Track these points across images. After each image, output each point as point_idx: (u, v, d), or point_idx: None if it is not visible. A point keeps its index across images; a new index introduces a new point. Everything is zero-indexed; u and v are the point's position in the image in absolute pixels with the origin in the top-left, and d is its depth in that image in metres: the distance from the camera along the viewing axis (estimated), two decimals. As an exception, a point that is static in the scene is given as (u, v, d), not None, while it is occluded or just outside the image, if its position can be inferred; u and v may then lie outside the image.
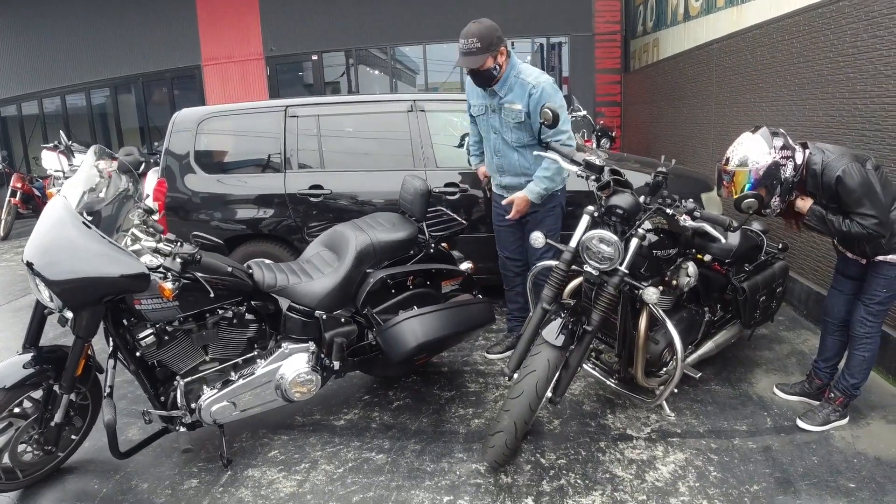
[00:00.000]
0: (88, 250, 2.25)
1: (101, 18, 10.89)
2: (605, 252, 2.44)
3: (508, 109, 3.20)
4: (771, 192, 2.57)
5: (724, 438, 2.82)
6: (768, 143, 2.53)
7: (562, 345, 2.39)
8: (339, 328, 2.87)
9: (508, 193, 3.38)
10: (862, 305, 2.76)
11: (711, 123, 6.01)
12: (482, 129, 3.44)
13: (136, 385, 3.06)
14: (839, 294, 2.92)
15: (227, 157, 4.47)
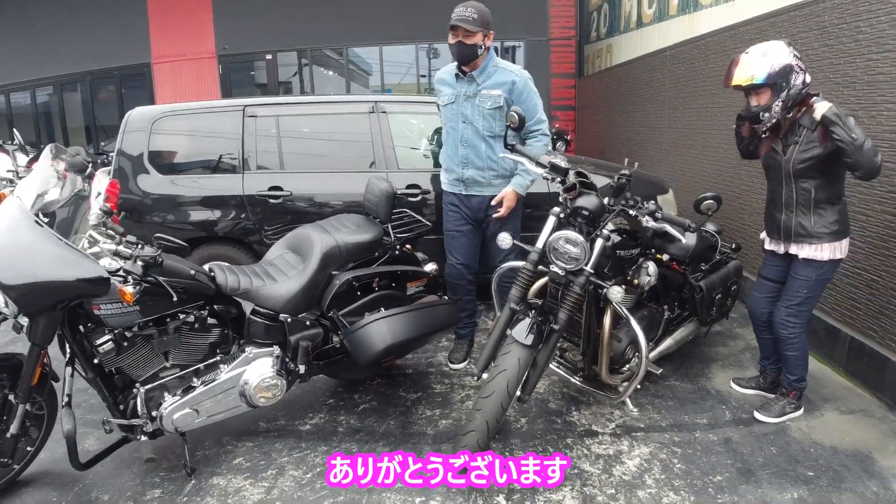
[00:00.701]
0: (45, 253, 2.17)
1: (46, 14, 10.49)
2: (572, 252, 2.49)
3: (486, 95, 3.18)
4: (777, 94, 2.59)
5: (686, 432, 2.90)
6: (787, 47, 2.58)
7: (531, 344, 2.42)
8: (304, 331, 2.83)
9: (468, 188, 3.32)
10: (782, 307, 2.87)
11: (665, 128, 6.18)
12: (449, 119, 3.32)
13: (92, 394, 2.95)
14: (759, 297, 3.05)
15: (182, 157, 4.36)
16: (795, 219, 2.76)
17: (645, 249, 3.04)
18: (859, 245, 3.36)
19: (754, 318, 3.13)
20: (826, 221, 2.69)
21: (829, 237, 2.70)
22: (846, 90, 3.45)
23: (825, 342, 3.64)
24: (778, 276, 2.97)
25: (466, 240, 3.42)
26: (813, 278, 2.78)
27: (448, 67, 3.35)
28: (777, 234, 2.88)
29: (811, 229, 2.72)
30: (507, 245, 2.66)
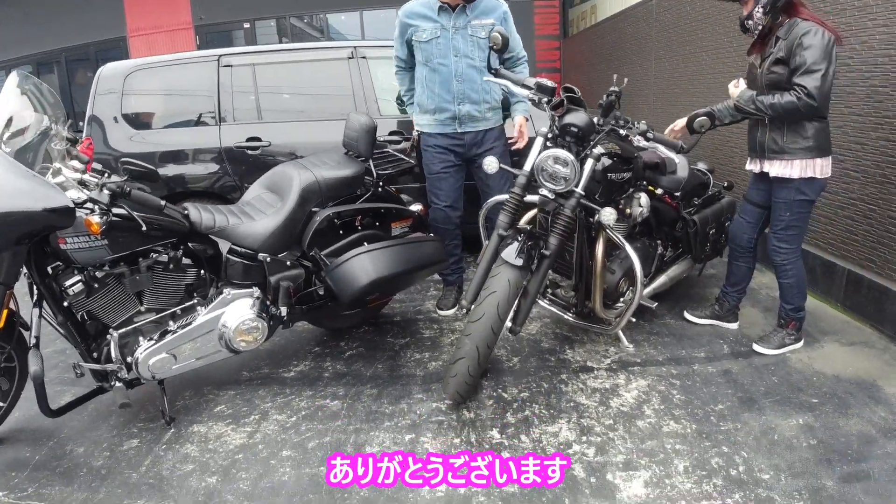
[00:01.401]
0: (6, 183, 2.02)
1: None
2: (561, 172, 2.37)
3: (478, 25, 3.08)
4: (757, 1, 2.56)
5: (684, 365, 2.82)
6: None
7: (521, 265, 2.31)
8: (284, 272, 2.70)
9: (463, 125, 3.19)
10: (771, 234, 2.81)
11: (651, 80, 6.07)
12: (434, 55, 3.13)
13: (69, 353, 2.83)
14: (743, 222, 2.99)
15: (157, 112, 4.20)
16: (769, 133, 2.68)
17: (636, 180, 2.92)
18: (854, 175, 3.28)
19: (734, 243, 3.06)
20: (799, 138, 2.60)
21: (800, 153, 2.61)
22: (836, 17, 3.34)
23: (822, 278, 3.56)
24: (759, 200, 2.90)
25: (453, 180, 3.29)
26: (791, 199, 2.69)
27: (420, 2, 3.15)
28: (754, 151, 2.81)
29: (783, 144, 2.64)
30: (494, 169, 2.55)
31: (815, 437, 2.27)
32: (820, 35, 2.45)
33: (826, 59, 2.44)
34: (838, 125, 3.35)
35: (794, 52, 2.49)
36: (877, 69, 3.07)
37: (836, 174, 3.37)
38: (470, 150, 3.24)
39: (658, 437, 2.31)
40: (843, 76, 3.31)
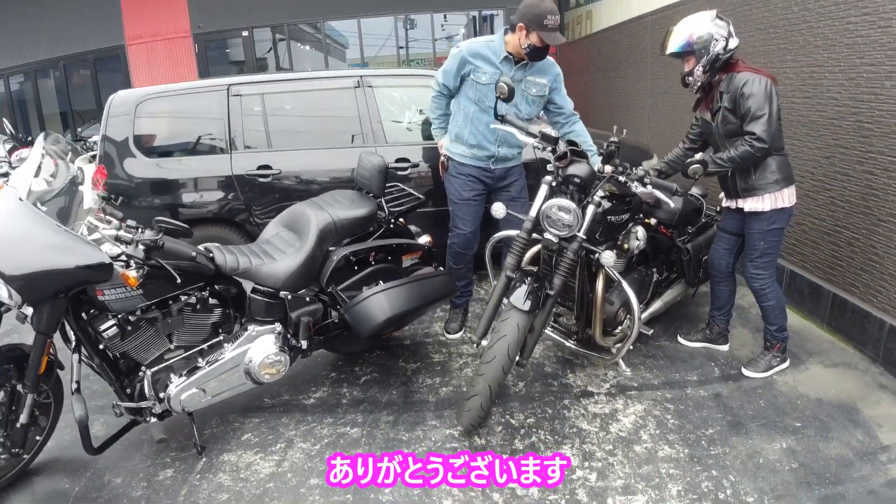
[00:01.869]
0: (47, 242, 2.18)
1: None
2: (565, 219, 2.55)
3: (532, 82, 3.27)
4: (697, 59, 2.82)
5: (678, 389, 3.02)
6: (711, 18, 2.81)
7: (529, 309, 2.50)
8: (304, 307, 2.88)
9: (498, 164, 3.40)
10: (748, 263, 3.04)
11: (647, 94, 6.23)
12: (489, 99, 3.25)
13: (94, 380, 2.99)
14: (721, 249, 3.21)
15: (168, 139, 4.34)
16: (739, 176, 2.92)
17: (634, 214, 3.11)
18: (839, 204, 3.47)
19: (714, 269, 3.27)
20: (766, 173, 2.85)
21: (769, 187, 2.86)
22: (825, 53, 3.52)
23: (808, 299, 3.76)
24: (734, 228, 3.13)
25: (478, 208, 3.49)
26: (764, 229, 2.93)
27: (487, 45, 3.27)
28: (727, 191, 3.06)
29: (752, 183, 2.88)
30: (501, 215, 2.73)
31: (797, 461, 2.47)
32: (758, 82, 2.72)
33: (767, 101, 2.70)
34: (826, 156, 3.55)
35: (738, 102, 2.77)
36: (863, 105, 3.25)
37: (822, 202, 3.58)
38: (497, 183, 3.46)
39: (654, 461, 2.50)
40: (831, 109, 3.49)
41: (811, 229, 3.73)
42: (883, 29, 3.07)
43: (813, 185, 3.67)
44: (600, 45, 7.80)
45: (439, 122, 3.57)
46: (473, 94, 3.31)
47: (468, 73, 3.29)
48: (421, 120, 4.42)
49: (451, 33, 10.80)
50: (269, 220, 3.76)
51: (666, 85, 5.72)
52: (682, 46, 2.83)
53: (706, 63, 2.82)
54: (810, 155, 3.69)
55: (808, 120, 3.68)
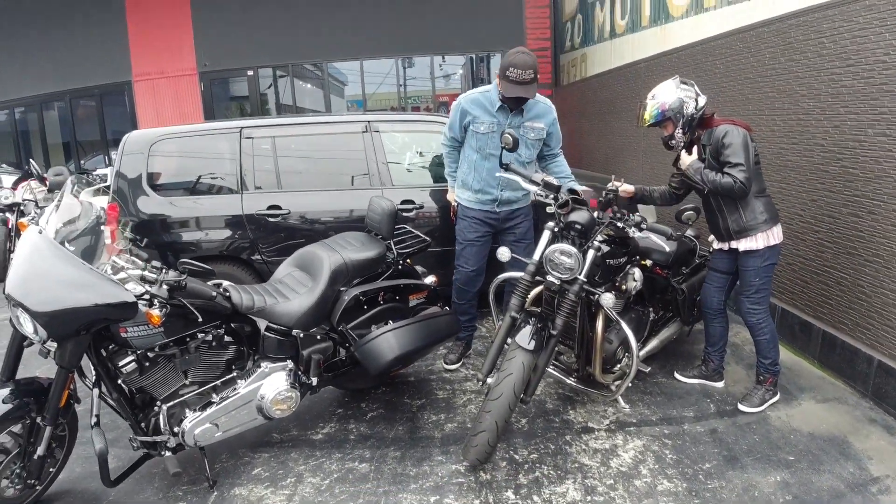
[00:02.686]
0: (74, 280, 2.28)
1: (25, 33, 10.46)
2: (567, 263, 2.70)
3: (530, 127, 3.45)
4: (675, 124, 3.09)
5: (675, 425, 3.12)
6: (675, 84, 3.11)
7: (533, 349, 2.63)
8: (315, 345, 2.99)
9: (503, 207, 3.57)
10: (744, 299, 3.20)
11: (641, 137, 6.44)
12: (489, 146, 3.45)
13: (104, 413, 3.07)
14: (712, 287, 3.39)
15: (180, 179, 4.48)
16: (730, 219, 3.12)
17: (631, 257, 3.26)
18: (827, 245, 3.63)
19: (706, 308, 3.43)
20: (755, 214, 3.06)
21: (761, 227, 3.06)
22: (811, 101, 3.72)
23: (799, 336, 3.90)
24: (726, 268, 3.32)
25: (482, 248, 3.66)
26: (759, 266, 3.12)
27: (483, 95, 3.46)
28: (719, 235, 3.24)
29: (744, 224, 3.08)
30: (506, 258, 2.88)
31: (791, 493, 2.57)
32: (736, 132, 2.98)
33: (745, 151, 2.94)
34: (813, 199, 3.72)
35: (719, 151, 2.99)
36: (847, 151, 3.43)
37: (811, 243, 3.74)
38: (503, 224, 3.62)
39: (653, 495, 2.60)
40: (818, 155, 3.68)
41: (801, 269, 3.88)
42: (865, 80, 3.28)
43: (801, 227, 3.84)
44: (595, 88, 8.05)
45: (450, 170, 3.79)
46: (475, 143, 3.49)
47: (469, 124, 3.47)
48: (426, 162, 4.59)
49: (450, 72, 11.11)
50: (276, 258, 3.90)
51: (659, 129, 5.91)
52: (658, 116, 3.12)
53: (684, 125, 3.10)
54: (798, 198, 3.86)
55: (796, 165, 3.86)
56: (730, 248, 3.20)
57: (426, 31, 9.86)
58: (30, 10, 10.34)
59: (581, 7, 9.30)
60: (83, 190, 4.40)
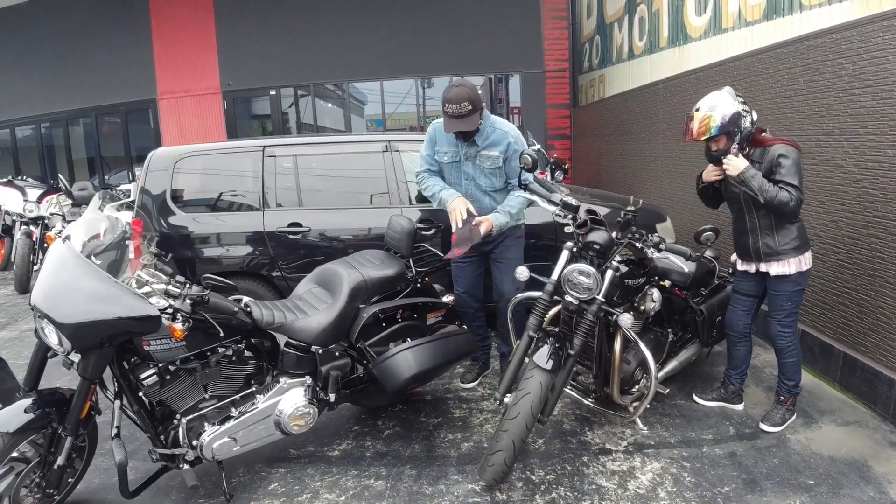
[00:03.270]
0: (100, 293, 2.33)
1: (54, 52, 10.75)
2: (585, 283, 2.70)
3: (485, 156, 3.38)
4: (731, 139, 2.96)
5: (694, 447, 3.09)
6: (732, 96, 2.96)
7: (551, 368, 2.63)
8: (334, 362, 3.01)
9: None
10: (774, 322, 3.17)
11: (659, 157, 6.44)
12: (452, 175, 3.53)
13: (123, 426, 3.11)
14: (738, 311, 3.35)
15: (204, 195, 4.56)
16: (762, 241, 3.08)
17: (649, 277, 3.25)
18: (847, 266, 3.60)
19: (732, 330, 3.39)
20: (788, 239, 3.02)
21: (793, 252, 3.02)
22: (830, 122, 3.72)
23: (820, 358, 3.85)
24: (752, 291, 3.28)
25: (471, 270, 3.63)
26: (790, 291, 3.09)
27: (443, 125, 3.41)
28: (748, 256, 3.19)
29: (777, 248, 3.03)
30: (524, 277, 2.88)
31: (812, 520, 2.54)
32: (793, 153, 2.92)
33: (799, 173, 2.90)
34: (833, 220, 3.70)
35: (773, 170, 2.93)
36: (867, 172, 3.42)
37: (831, 265, 3.71)
38: (482, 247, 3.53)
39: (672, 520, 2.57)
40: (837, 176, 3.66)
41: (821, 290, 3.85)
42: (884, 101, 3.28)
43: (822, 249, 3.81)
44: (613, 109, 8.08)
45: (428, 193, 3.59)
46: (442, 171, 3.55)
47: (436, 152, 3.52)
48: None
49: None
50: (295, 275, 3.95)
51: (678, 149, 5.93)
52: (718, 129, 2.93)
53: (741, 140, 2.97)
54: (818, 219, 3.84)
55: (816, 186, 3.84)
56: (757, 270, 3.16)
57: (445, 52, 9.97)
58: (61, 29, 10.64)
59: (599, 28, 9.38)
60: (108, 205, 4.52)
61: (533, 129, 9.04)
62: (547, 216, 3.89)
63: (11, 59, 10.98)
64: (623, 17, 8.25)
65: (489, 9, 9.82)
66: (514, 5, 9.83)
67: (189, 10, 10.16)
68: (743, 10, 5.17)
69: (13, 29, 10.86)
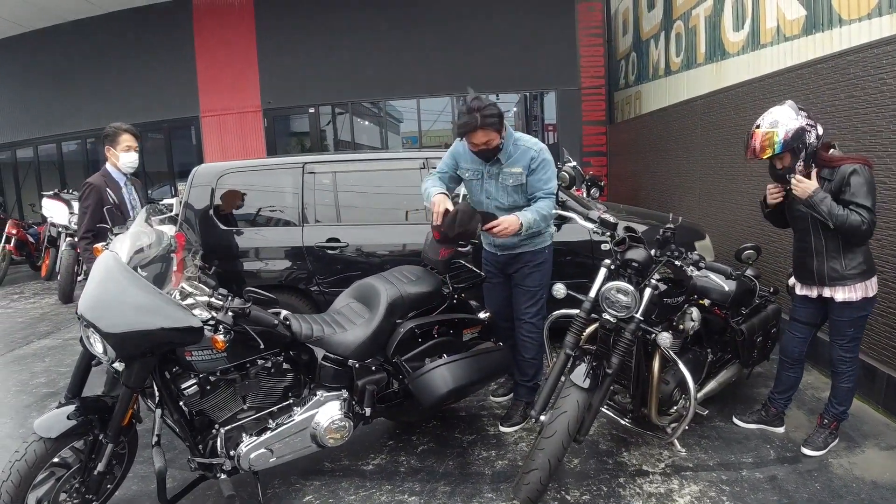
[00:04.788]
0: (145, 304, 2.39)
1: (101, 69, 11.16)
2: (623, 301, 2.68)
3: (508, 173, 3.27)
4: (796, 156, 2.84)
5: (734, 470, 3.02)
6: (795, 111, 2.82)
7: (588, 387, 2.61)
8: (370, 376, 3.04)
9: (501, 251, 3.45)
10: (836, 346, 3.06)
11: (697, 174, 6.36)
12: (473, 192, 3.46)
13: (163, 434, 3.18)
14: (794, 337, 3.24)
15: (245, 210, 4.67)
16: (827, 264, 2.96)
17: (689, 296, 3.21)
18: (892, 285, 3.50)
19: (785, 356, 3.30)
20: (855, 263, 2.90)
21: (859, 278, 2.90)
22: (872, 139, 3.63)
23: (864, 381, 3.72)
24: (812, 319, 3.17)
25: (498, 291, 3.58)
26: (855, 317, 2.98)
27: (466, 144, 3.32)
28: (810, 280, 3.07)
29: (843, 272, 2.92)
30: (562, 295, 2.88)
31: (856, 547, 2.45)
32: (867, 173, 2.80)
33: (873, 194, 2.78)
34: (877, 238, 3.58)
35: (843, 190, 2.81)
36: (910, 190, 3.33)
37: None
38: (506, 269, 3.50)
39: (712, 545, 2.51)
40: (881, 193, 3.54)
41: (867, 313, 3.73)
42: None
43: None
44: (649, 125, 8.02)
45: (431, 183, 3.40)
46: (468, 188, 3.47)
47: (458, 167, 3.43)
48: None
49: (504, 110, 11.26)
50: (333, 290, 4.00)
51: (716, 165, 5.85)
52: (782, 147, 2.82)
53: (806, 157, 2.84)
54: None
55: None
56: (819, 295, 3.05)
57: (481, 70, 10.05)
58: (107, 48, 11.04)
59: (635, 45, 9.36)
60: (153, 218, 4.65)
61: (569, 147, 9.04)
62: (582, 233, 3.93)
63: (60, 76, 11.42)
64: (659, 34, 8.22)
65: (525, 26, 9.88)
66: (550, 23, 9.87)
67: (232, 31, 10.48)
68: (782, 25, 5.11)
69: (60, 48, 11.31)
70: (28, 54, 11.53)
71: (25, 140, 12.04)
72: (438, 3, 10.03)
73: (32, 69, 11.58)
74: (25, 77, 11.67)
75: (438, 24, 10.03)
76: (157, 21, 10.70)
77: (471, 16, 9.93)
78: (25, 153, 12.37)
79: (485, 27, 9.91)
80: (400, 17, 10.15)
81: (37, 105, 11.70)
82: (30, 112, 11.77)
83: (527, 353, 3.47)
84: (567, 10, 9.81)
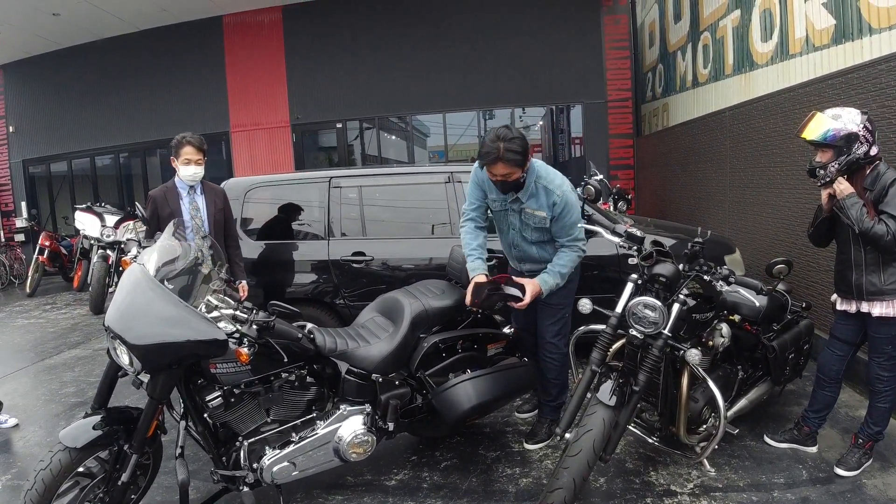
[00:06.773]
0: (171, 316, 2.41)
1: (133, 85, 11.42)
2: (651, 317, 2.64)
3: (530, 214, 3.19)
4: (836, 156, 2.79)
5: (764, 492, 2.93)
6: (860, 117, 2.77)
7: (615, 405, 2.56)
8: (393, 390, 3.03)
9: (525, 265, 3.41)
10: (874, 364, 2.97)
11: (727, 187, 6.26)
12: (498, 220, 3.39)
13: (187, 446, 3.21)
14: (833, 355, 3.15)
15: (272, 224, 4.72)
16: (866, 277, 2.88)
17: (718, 311, 3.14)
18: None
19: (822, 374, 3.20)
20: (894, 279, 2.81)
21: None
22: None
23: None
24: (851, 338, 3.08)
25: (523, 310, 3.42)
26: (893, 334, 2.89)
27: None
28: (849, 293, 2.99)
29: (882, 286, 2.83)
30: (588, 310, 2.84)
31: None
32: None
33: None
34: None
35: (881, 198, 2.75)
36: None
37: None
38: None
39: (743, 569, 2.43)
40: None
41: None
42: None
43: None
44: (677, 138, 7.93)
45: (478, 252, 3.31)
46: (495, 218, 3.42)
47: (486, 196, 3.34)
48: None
49: (530, 124, 11.24)
50: (358, 303, 4.01)
51: (747, 178, 5.75)
52: (826, 137, 2.78)
53: (844, 163, 2.79)
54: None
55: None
56: (857, 310, 2.97)
57: (507, 84, 10.05)
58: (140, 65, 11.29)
59: (662, 57, 9.28)
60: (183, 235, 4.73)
61: (595, 160, 8.97)
62: (609, 247, 3.88)
63: (93, 92, 11.71)
64: (686, 45, 8.14)
65: (550, 40, 9.87)
66: (576, 36, 9.84)
67: (261, 48, 10.66)
68: (811, 34, 5.02)
69: (94, 64, 11.60)
70: (62, 71, 11.86)
71: (59, 154, 12.35)
72: (464, 19, 10.08)
73: (67, 85, 11.89)
74: (59, 93, 11.99)
75: (464, 39, 10.08)
76: (189, 39, 10.94)
77: (496, 30, 9.95)
78: (59, 167, 12.68)
79: (511, 41, 9.93)
80: (426, 32, 10.23)
81: (71, 120, 12.01)
82: (64, 127, 12.08)
83: (549, 374, 3.43)
84: (593, 22, 9.78)
